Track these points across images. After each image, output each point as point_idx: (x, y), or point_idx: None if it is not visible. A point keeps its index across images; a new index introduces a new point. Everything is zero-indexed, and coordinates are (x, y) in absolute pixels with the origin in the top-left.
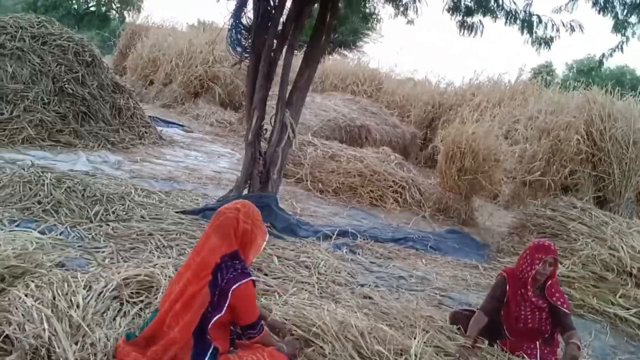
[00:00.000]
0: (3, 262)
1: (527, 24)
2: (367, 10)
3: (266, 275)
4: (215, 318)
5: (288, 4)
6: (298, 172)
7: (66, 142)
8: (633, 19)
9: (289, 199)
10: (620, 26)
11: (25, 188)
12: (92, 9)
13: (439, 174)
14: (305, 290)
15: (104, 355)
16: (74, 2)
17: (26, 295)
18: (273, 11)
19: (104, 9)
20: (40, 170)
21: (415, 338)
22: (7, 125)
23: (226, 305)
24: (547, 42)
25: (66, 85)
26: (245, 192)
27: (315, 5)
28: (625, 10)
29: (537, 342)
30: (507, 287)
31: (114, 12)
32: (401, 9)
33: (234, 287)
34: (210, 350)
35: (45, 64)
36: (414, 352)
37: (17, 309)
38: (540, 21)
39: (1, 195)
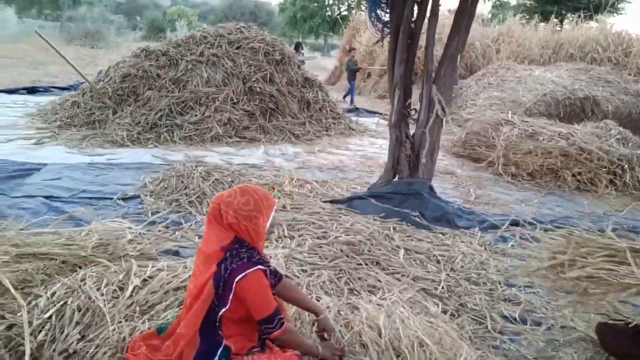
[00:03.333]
0: (78, 253)
1: None
2: None
3: (383, 269)
4: (220, 313)
5: None
6: (489, 155)
7: (251, 138)
8: None
9: (468, 185)
10: None
11: (178, 181)
12: (344, 13)
13: None
14: (421, 289)
15: (110, 348)
16: (327, 10)
17: (62, 285)
18: None
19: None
20: (194, 164)
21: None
22: (199, 126)
23: (230, 298)
24: None
25: (255, 85)
26: (396, 178)
27: None
28: None
29: None
30: None
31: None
32: None
33: (238, 278)
34: (221, 349)
35: (236, 66)
36: None
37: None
38: None
39: (157, 188)
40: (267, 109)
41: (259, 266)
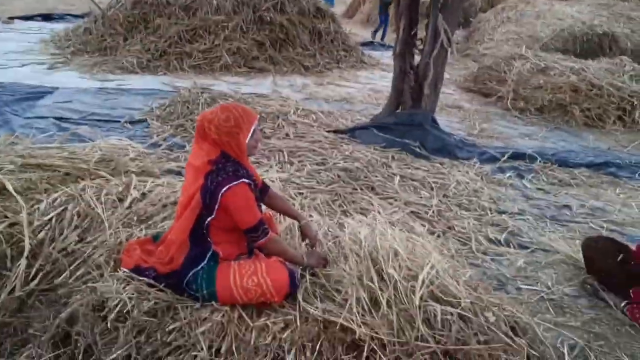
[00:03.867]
0: (81, 166)
1: None
2: None
3: (377, 194)
4: (207, 221)
5: None
6: (500, 90)
7: (260, 68)
8: None
9: (474, 119)
10: None
11: (184, 107)
12: None
13: None
14: (411, 212)
15: (107, 250)
16: None
17: (64, 193)
18: None
19: None
20: (200, 90)
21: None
22: (208, 55)
23: (216, 208)
24: None
25: (265, 14)
26: (399, 110)
27: None
28: None
29: None
30: None
31: None
32: None
33: (223, 190)
34: (210, 254)
35: None
36: (422, 278)
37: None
38: None
39: (164, 113)
40: (277, 39)
41: (244, 179)
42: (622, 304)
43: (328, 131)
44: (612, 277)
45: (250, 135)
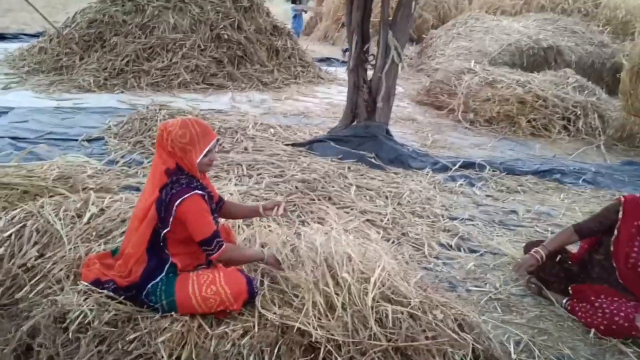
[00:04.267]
0: (39, 184)
1: None
2: None
3: (334, 204)
4: (162, 234)
5: None
6: (451, 103)
7: (219, 85)
8: None
9: (427, 131)
10: None
11: (142, 124)
12: None
13: (622, 96)
14: (367, 220)
15: (66, 265)
16: None
17: (22, 210)
18: None
19: None
20: (158, 107)
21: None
22: (166, 72)
23: (171, 220)
24: None
25: (222, 32)
26: (355, 122)
27: None
28: None
29: None
30: (622, 214)
31: None
32: None
33: (178, 202)
34: (168, 266)
35: (204, 13)
36: (374, 280)
37: None
38: None
39: (121, 130)
40: (235, 56)
41: (197, 191)
42: (564, 301)
43: (286, 144)
44: (552, 276)
45: (203, 154)
